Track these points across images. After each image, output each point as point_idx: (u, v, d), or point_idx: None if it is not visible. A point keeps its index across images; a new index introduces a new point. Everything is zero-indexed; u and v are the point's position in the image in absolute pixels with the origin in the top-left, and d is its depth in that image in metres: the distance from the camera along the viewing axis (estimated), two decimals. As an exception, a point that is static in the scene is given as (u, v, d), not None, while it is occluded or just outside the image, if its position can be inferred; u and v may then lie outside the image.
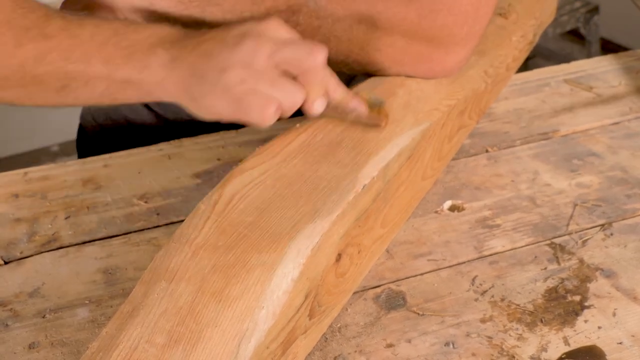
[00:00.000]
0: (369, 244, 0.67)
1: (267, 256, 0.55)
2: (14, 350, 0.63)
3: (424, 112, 0.74)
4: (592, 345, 0.62)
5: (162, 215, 0.79)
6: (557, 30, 2.67)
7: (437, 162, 0.80)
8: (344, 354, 0.62)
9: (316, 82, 0.63)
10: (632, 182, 0.82)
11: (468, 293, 0.68)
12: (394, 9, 0.73)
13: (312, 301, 0.58)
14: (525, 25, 0.97)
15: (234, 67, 0.60)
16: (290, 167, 0.64)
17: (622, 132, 0.92)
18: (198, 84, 0.60)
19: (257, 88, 0.60)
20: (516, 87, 1.02)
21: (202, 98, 0.61)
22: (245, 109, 0.60)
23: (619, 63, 1.08)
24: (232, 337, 0.50)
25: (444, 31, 0.74)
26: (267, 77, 0.60)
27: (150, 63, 0.60)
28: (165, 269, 0.55)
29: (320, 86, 0.64)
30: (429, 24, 0.74)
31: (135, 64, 0.60)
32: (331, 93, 0.65)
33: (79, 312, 0.67)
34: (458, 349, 0.62)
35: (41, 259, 0.74)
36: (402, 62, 0.76)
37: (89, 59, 0.60)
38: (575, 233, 0.75)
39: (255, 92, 0.60)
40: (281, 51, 0.61)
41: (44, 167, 0.89)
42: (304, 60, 0.61)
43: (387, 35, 0.74)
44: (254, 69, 0.60)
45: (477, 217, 0.78)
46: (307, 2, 0.73)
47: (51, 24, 0.60)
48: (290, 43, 0.62)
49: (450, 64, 0.78)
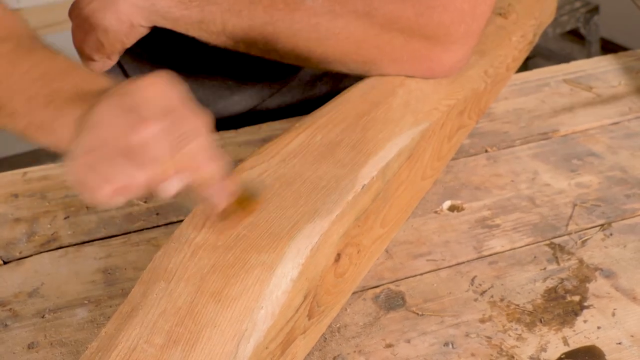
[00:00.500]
0: (368, 244, 0.67)
1: (266, 256, 0.55)
2: (13, 350, 0.63)
3: (424, 112, 0.75)
4: (592, 345, 0.62)
5: (162, 215, 0.79)
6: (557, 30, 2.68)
7: (436, 162, 0.80)
8: (343, 354, 0.62)
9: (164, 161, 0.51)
10: (631, 182, 0.82)
11: (467, 293, 0.68)
12: (391, 5, 0.74)
13: (311, 301, 0.58)
14: (525, 25, 0.97)
15: (86, 134, 0.52)
16: (289, 167, 0.64)
17: (621, 132, 0.92)
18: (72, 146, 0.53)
19: (95, 164, 0.51)
20: (516, 87, 1.02)
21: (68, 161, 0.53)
22: (82, 183, 0.52)
23: (618, 63, 1.08)
24: (231, 337, 0.50)
25: (441, 29, 0.75)
26: (108, 153, 0.51)
27: (62, 116, 0.56)
28: (165, 269, 0.55)
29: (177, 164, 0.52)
30: (425, 21, 0.74)
31: (51, 112, 0.57)
32: (196, 171, 0.53)
33: (78, 312, 0.67)
34: (457, 349, 0.62)
35: (40, 259, 0.74)
36: (401, 60, 0.76)
37: (14, 92, 0.58)
38: (574, 233, 0.75)
39: (92, 168, 0.51)
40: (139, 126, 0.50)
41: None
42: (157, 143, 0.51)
43: (385, 33, 0.74)
44: (100, 138, 0.51)
45: (477, 217, 0.78)
46: (305, 0, 0.73)
47: (2, 45, 0.60)
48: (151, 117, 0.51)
49: (449, 62, 0.78)
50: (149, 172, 0.51)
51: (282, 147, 0.67)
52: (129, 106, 0.52)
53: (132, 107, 0.51)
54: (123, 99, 0.52)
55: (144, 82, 0.53)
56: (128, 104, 0.52)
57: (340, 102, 0.74)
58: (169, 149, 0.51)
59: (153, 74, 0.53)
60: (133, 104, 0.52)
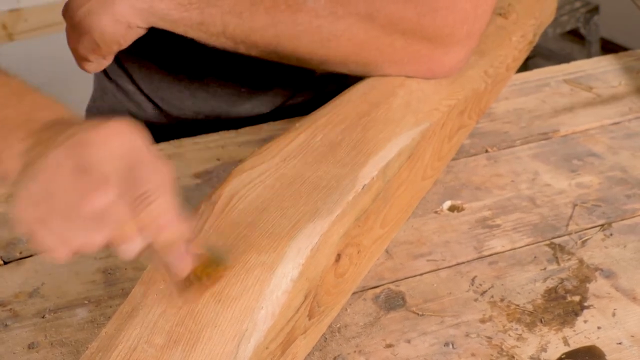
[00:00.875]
0: (368, 244, 0.67)
1: (267, 256, 0.55)
2: (14, 351, 0.63)
3: (424, 112, 0.74)
4: (592, 345, 0.62)
5: (162, 215, 0.79)
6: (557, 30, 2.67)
7: (437, 162, 0.80)
8: (343, 354, 0.62)
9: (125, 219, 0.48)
10: (632, 182, 0.82)
11: (467, 293, 0.68)
12: (393, 7, 0.73)
13: (312, 301, 0.58)
14: (525, 25, 0.97)
15: (32, 182, 0.48)
16: (289, 167, 0.64)
17: (622, 132, 0.92)
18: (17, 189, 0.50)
19: (47, 220, 0.48)
20: (516, 87, 1.02)
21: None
22: (33, 237, 0.48)
23: (619, 63, 1.08)
24: (231, 337, 0.50)
25: (444, 30, 0.74)
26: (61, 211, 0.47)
27: (8, 145, 0.52)
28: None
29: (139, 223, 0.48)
30: (428, 22, 0.74)
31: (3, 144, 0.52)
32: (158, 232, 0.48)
33: (79, 312, 0.67)
34: (457, 349, 0.62)
35: (41, 259, 0.74)
36: (402, 62, 0.76)
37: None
38: (574, 233, 0.75)
39: (44, 224, 0.48)
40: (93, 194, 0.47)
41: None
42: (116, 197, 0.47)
43: (387, 35, 0.74)
44: (49, 192, 0.47)
45: (477, 217, 0.78)
46: (307, 2, 0.73)
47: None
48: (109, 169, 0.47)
49: (450, 63, 0.77)
50: (107, 234, 0.47)
51: (282, 147, 0.67)
52: (82, 165, 0.47)
53: (86, 168, 0.47)
54: (76, 152, 0.47)
55: (100, 132, 0.48)
56: (81, 162, 0.47)
57: (340, 102, 0.74)
58: (128, 211, 0.47)
59: (112, 122, 0.49)
60: (86, 163, 0.47)
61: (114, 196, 0.47)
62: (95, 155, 0.47)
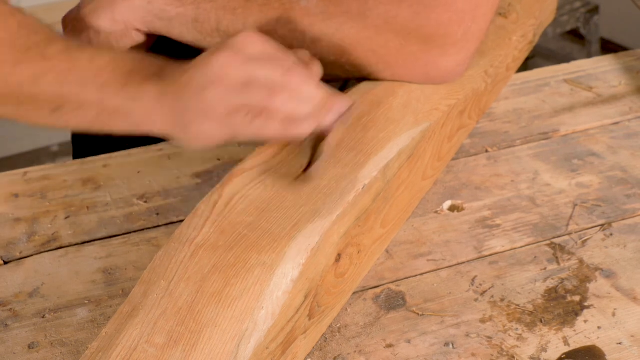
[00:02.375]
0: (368, 244, 0.67)
1: (267, 256, 0.55)
2: (14, 351, 0.63)
3: (424, 112, 0.74)
4: (592, 345, 0.62)
5: (162, 215, 0.79)
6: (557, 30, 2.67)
7: (437, 162, 0.80)
8: (343, 354, 0.62)
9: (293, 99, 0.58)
10: (632, 182, 0.82)
11: (468, 293, 0.68)
12: (386, 5, 0.72)
13: (312, 301, 0.58)
14: (525, 25, 0.97)
15: (210, 86, 0.57)
16: (290, 167, 0.64)
17: (622, 132, 0.92)
18: (183, 113, 0.58)
19: (238, 102, 0.57)
20: (516, 87, 1.02)
21: (190, 126, 0.59)
22: (234, 127, 0.58)
23: (619, 63, 1.08)
24: (231, 337, 0.50)
25: (439, 30, 0.72)
26: (246, 89, 0.57)
27: (142, 95, 0.59)
28: (165, 269, 0.55)
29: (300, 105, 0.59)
30: (422, 21, 0.72)
31: (128, 94, 0.59)
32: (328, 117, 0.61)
33: (79, 312, 0.67)
34: (458, 349, 0.62)
35: (41, 259, 0.74)
36: (397, 65, 0.74)
37: (84, 83, 0.59)
38: (575, 233, 0.75)
39: (237, 107, 0.57)
40: (252, 64, 0.58)
41: (44, 167, 0.89)
42: (277, 77, 0.58)
43: (380, 35, 0.73)
44: (229, 83, 0.57)
45: (477, 217, 0.78)
46: (300, 0, 0.73)
47: (52, 47, 0.60)
48: (266, 58, 0.59)
49: (447, 67, 0.75)
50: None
51: (282, 147, 0.66)
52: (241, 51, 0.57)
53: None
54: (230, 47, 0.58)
55: (239, 38, 0.58)
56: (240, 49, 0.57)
57: (340, 102, 0.74)
58: (317, 88, 0.59)
59: (242, 33, 0.59)
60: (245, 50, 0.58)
61: (305, 72, 0.59)
62: (259, 48, 0.58)
